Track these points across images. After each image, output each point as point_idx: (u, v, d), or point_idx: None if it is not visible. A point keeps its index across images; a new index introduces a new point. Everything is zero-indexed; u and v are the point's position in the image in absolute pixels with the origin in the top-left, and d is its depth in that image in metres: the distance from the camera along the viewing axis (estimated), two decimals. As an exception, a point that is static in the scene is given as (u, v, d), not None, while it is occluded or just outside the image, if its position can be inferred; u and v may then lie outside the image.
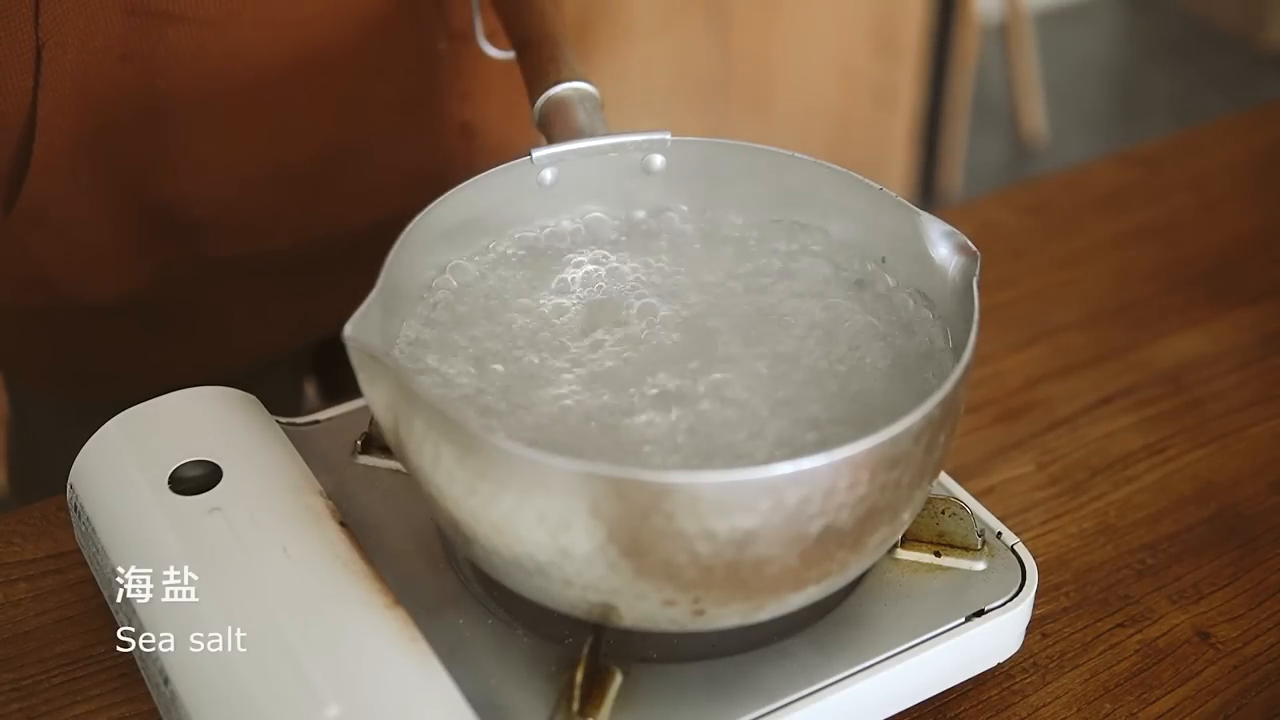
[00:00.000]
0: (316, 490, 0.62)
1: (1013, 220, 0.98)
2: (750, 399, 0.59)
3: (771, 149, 0.67)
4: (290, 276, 0.88)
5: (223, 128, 0.80)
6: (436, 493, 0.54)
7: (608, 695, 0.55)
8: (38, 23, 0.72)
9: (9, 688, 0.61)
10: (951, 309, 0.61)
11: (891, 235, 0.64)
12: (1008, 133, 2.68)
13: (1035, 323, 0.87)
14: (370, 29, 0.81)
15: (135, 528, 0.60)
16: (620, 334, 0.62)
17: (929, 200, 2.39)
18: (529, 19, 0.76)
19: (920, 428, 0.52)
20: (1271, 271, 0.92)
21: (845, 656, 0.58)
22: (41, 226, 0.80)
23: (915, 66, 2.24)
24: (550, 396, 0.59)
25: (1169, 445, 0.77)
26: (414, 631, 0.55)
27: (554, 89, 0.70)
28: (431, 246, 0.63)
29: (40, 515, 0.69)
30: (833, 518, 0.51)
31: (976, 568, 0.62)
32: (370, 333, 0.53)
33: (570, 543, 0.51)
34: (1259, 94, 2.74)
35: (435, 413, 0.51)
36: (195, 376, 0.68)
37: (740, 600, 0.53)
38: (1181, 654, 0.65)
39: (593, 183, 0.68)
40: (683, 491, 0.49)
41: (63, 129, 0.76)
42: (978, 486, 0.73)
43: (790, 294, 0.65)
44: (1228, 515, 0.73)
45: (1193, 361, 0.84)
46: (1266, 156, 1.07)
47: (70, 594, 0.65)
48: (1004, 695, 0.62)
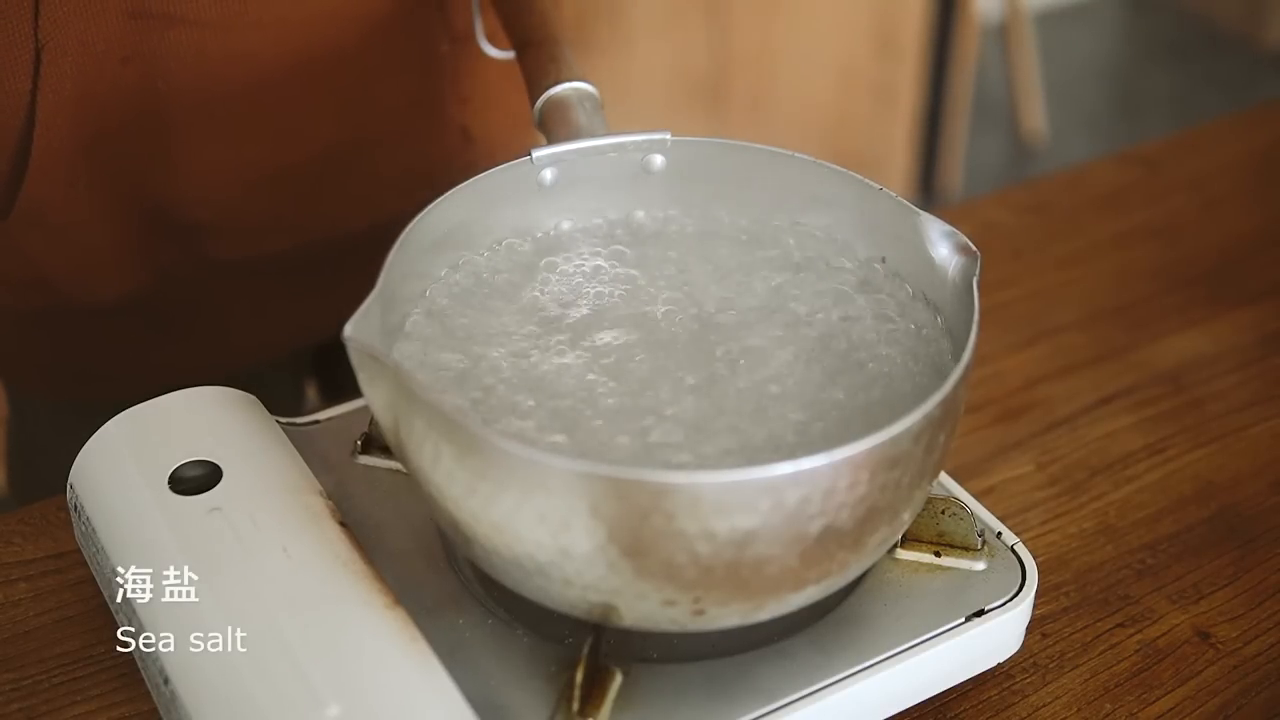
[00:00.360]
0: (316, 490, 0.62)
1: (1013, 220, 0.98)
2: (750, 399, 0.59)
3: (771, 149, 0.67)
4: (291, 278, 0.88)
5: (223, 130, 0.80)
6: (436, 493, 0.54)
7: (608, 695, 0.55)
8: (37, 25, 0.72)
9: (9, 688, 0.61)
10: (951, 309, 0.61)
11: (891, 235, 0.64)
12: (1008, 133, 2.68)
13: (1035, 323, 0.87)
14: (372, 31, 0.81)
15: (135, 528, 0.60)
16: (620, 334, 0.62)
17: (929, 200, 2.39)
18: (529, 19, 0.76)
19: (920, 428, 0.52)
20: (1271, 271, 0.92)
21: (845, 656, 0.58)
22: (40, 229, 0.80)
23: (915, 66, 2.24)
24: (551, 397, 0.59)
25: (1169, 445, 0.77)
26: (414, 631, 0.55)
27: (554, 89, 0.70)
28: (432, 247, 0.63)
29: (40, 515, 0.69)
30: (833, 518, 0.51)
31: (976, 568, 0.62)
32: (370, 333, 0.53)
33: (570, 543, 0.51)
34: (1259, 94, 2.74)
35: (435, 413, 0.51)
36: (195, 378, 0.68)
37: (740, 600, 0.53)
38: (1181, 654, 0.65)
39: (593, 183, 0.68)
40: (683, 491, 0.49)
41: (62, 131, 0.76)
42: (978, 486, 0.73)
43: (790, 294, 0.65)
44: (1228, 515, 0.73)
45: (1193, 361, 0.84)
46: (1266, 156, 1.07)
47: (70, 594, 0.65)
48: (1004, 695, 0.62)
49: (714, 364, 0.61)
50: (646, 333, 0.62)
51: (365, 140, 0.86)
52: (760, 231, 0.68)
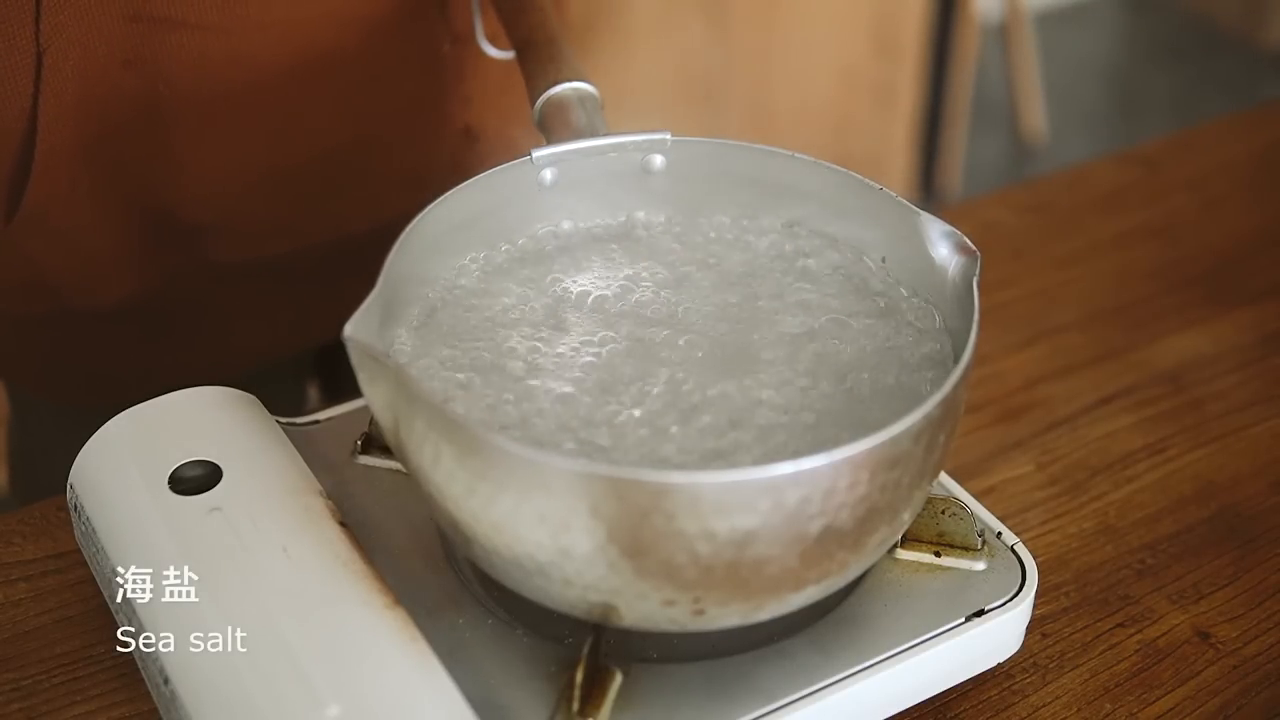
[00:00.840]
0: (316, 490, 0.62)
1: (1013, 220, 0.98)
2: (749, 398, 0.59)
3: (771, 149, 0.67)
4: (292, 281, 0.88)
5: (225, 132, 0.80)
6: (436, 493, 0.54)
7: (608, 695, 0.55)
8: (38, 29, 0.72)
9: (9, 688, 0.61)
10: (951, 309, 0.61)
11: (891, 235, 0.64)
12: (1008, 133, 2.68)
13: (1035, 323, 0.87)
14: (374, 32, 0.81)
15: (135, 528, 0.60)
16: (621, 334, 0.62)
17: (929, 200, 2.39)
18: (529, 19, 0.76)
19: (920, 428, 0.52)
20: (1271, 271, 0.92)
21: (845, 656, 0.58)
22: (42, 233, 0.79)
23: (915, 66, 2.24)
24: (551, 397, 0.59)
25: (1169, 445, 0.77)
26: (414, 631, 0.55)
27: (554, 89, 0.70)
28: (431, 247, 0.63)
29: (40, 515, 0.69)
30: (833, 518, 0.51)
31: (976, 568, 0.62)
32: (370, 333, 0.53)
33: (570, 543, 0.51)
34: (1259, 94, 2.74)
35: (435, 413, 0.51)
36: (197, 380, 0.68)
37: (740, 600, 0.53)
38: (1181, 654, 0.65)
39: (593, 183, 0.68)
40: (683, 491, 0.49)
41: (64, 135, 0.76)
42: (978, 486, 0.73)
43: (789, 294, 0.65)
44: (1228, 515, 0.73)
45: (1193, 361, 0.84)
46: (1266, 156, 1.07)
47: (70, 594, 0.65)
48: (1004, 695, 0.62)
49: (713, 364, 0.61)
50: (646, 333, 0.62)
51: (367, 141, 0.86)
52: (760, 232, 0.68)
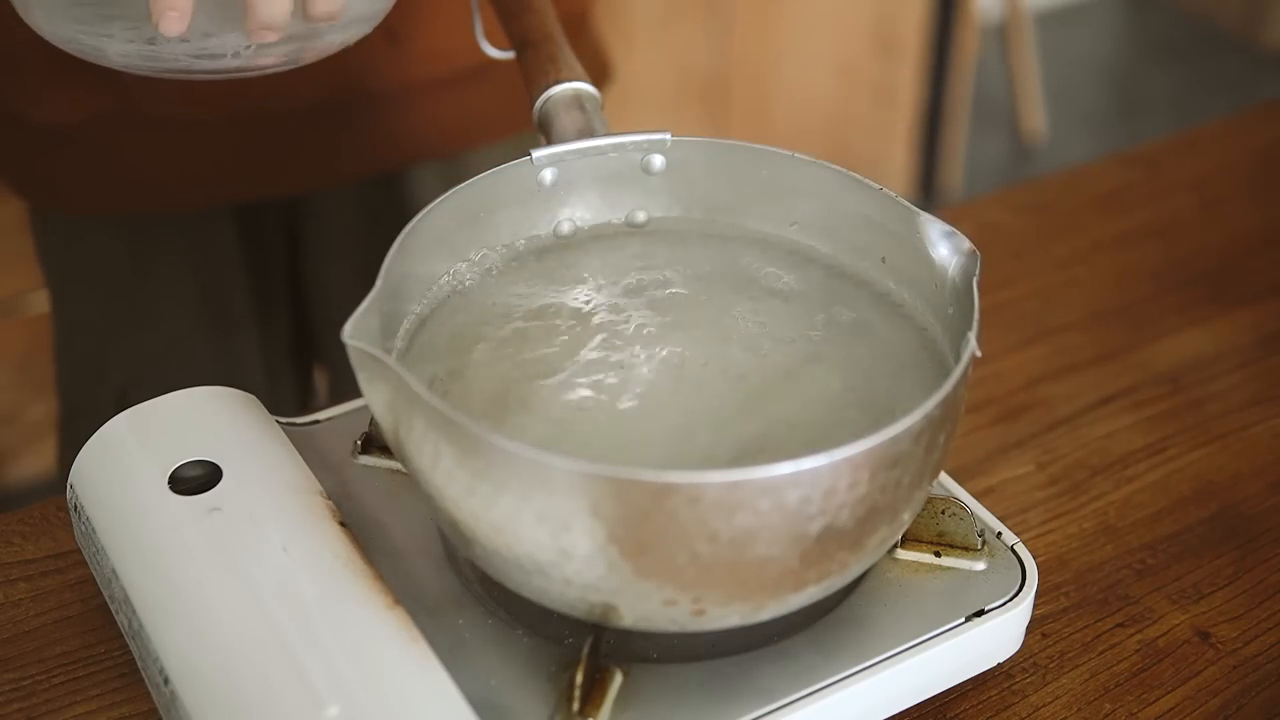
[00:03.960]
0: (316, 490, 0.62)
1: (1013, 220, 0.98)
2: (746, 396, 0.59)
3: (771, 149, 0.67)
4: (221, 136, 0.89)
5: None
6: (436, 493, 0.54)
7: (608, 695, 0.55)
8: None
9: (9, 688, 0.61)
10: (951, 309, 0.61)
11: (891, 235, 0.64)
12: (1008, 133, 2.68)
13: (1035, 323, 0.87)
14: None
15: (135, 528, 0.60)
16: (620, 335, 0.62)
17: (929, 200, 2.39)
18: (529, 19, 0.76)
19: (920, 428, 0.52)
20: (1271, 271, 0.92)
21: (845, 656, 0.58)
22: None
23: (915, 66, 2.25)
24: (552, 397, 0.59)
25: (1169, 445, 0.77)
26: (414, 631, 0.55)
27: (554, 89, 0.70)
28: (430, 247, 0.63)
29: (40, 515, 0.69)
30: (833, 518, 0.51)
31: (976, 568, 0.62)
32: (370, 333, 0.53)
33: (570, 543, 0.51)
34: (1259, 94, 2.74)
35: (435, 413, 0.51)
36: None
37: (740, 600, 0.53)
38: (1181, 654, 0.65)
39: (593, 183, 0.68)
40: (683, 491, 0.49)
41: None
42: (978, 486, 0.73)
43: (789, 293, 0.65)
44: (1228, 515, 0.73)
45: (1193, 361, 0.84)
46: (1266, 156, 1.07)
47: (70, 594, 0.65)
48: (1004, 695, 0.62)
49: (714, 363, 0.61)
50: (646, 334, 0.62)
51: None
52: (760, 232, 0.68)
